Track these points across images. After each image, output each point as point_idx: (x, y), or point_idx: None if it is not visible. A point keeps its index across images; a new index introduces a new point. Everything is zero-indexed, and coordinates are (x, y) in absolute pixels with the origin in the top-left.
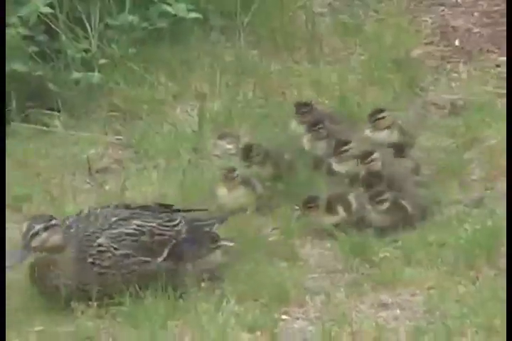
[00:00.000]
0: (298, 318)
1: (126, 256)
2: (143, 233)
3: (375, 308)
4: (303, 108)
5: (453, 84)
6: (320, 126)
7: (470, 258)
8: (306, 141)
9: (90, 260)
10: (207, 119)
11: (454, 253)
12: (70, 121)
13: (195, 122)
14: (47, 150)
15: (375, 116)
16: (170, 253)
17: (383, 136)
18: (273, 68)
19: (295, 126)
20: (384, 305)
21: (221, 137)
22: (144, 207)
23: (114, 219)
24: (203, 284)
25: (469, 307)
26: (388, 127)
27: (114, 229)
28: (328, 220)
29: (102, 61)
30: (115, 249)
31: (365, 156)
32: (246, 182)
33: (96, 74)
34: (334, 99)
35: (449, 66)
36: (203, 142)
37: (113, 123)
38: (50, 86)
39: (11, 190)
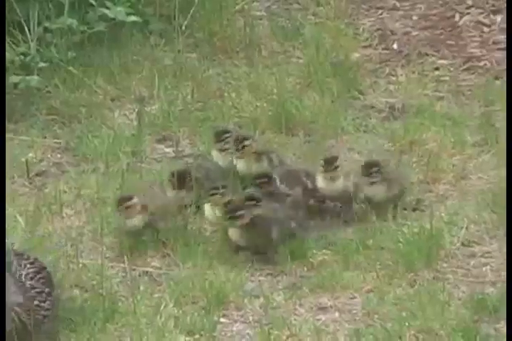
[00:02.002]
0: (236, 321)
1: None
2: (42, 268)
3: (314, 311)
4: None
5: (391, 88)
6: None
7: (409, 262)
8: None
9: (36, 302)
10: (145, 123)
11: (393, 256)
12: (9, 125)
13: (133, 126)
14: None
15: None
16: None
17: None
18: (212, 71)
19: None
20: (323, 308)
21: (160, 141)
22: None
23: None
24: (141, 287)
25: (408, 310)
26: None
27: (24, 270)
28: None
29: (41, 64)
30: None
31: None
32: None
33: (35, 77)
34: (273, 103)
35: (387, 69)
36: (141, 146)
37: (52, 127)
38: None
39: None
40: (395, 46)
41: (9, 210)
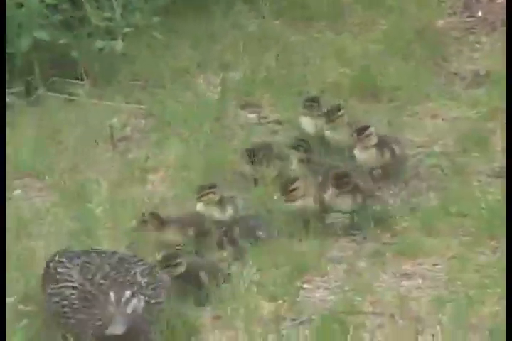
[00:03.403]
0: (319, 287)
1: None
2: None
3: (397, 278)
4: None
5: (476, 55)
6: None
7: (491, 229)
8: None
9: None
10: (229, 89)
11: (476, 223)
12: (93, 90)
13: (217, 91)
14: (70, 119)
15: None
16: None
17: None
18: (296, 38)
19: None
20: (406, 275)
21: (243, 107)
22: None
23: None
24: (224, 254)
25: (490, 277)
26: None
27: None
28: (219, 215)
29: (126, 30)
30: None
31: (361, 130)
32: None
33: (119, 42)
34: (357, 70)
35: (471, 37)
36: (225, 111)
37: (136, 92)
38: (74, 54)
39: (35, 158)
40: (479, 14)
41: (92, 174)
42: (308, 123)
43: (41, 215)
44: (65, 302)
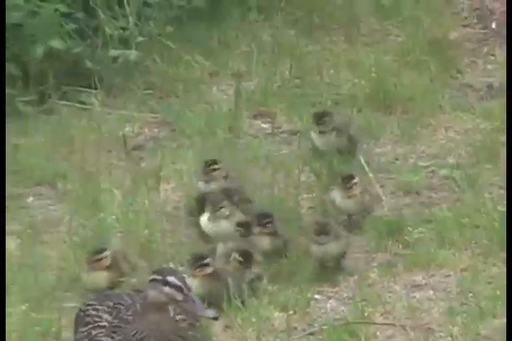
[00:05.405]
0: (330, 298)
1: None
2: None
3: (409, 289)
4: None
5: (489, 67)
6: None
7: (504, 240)
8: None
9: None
10: (243, 98)
11: (488, 234)
12: (107, 99)
13: (231, 101)
14: (83, 127)
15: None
16: None
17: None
18: (310, 48)
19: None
20: (417, 286)
21: (257, 116)
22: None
23: None
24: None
25: (502, 288)
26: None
27: None
28: None
29: (140, 39)
30: None
31: (346, 179)
32: None
33: (133, 52)
34: (371, 80)
35: (485, 49)
36: (238, 121)
37: (149, 101)
38: (88, 63)
39: (48, 167)
40: (493, 25)
41: (106, 184)
42: (317, 139)
43: (54, 223)
44: None
